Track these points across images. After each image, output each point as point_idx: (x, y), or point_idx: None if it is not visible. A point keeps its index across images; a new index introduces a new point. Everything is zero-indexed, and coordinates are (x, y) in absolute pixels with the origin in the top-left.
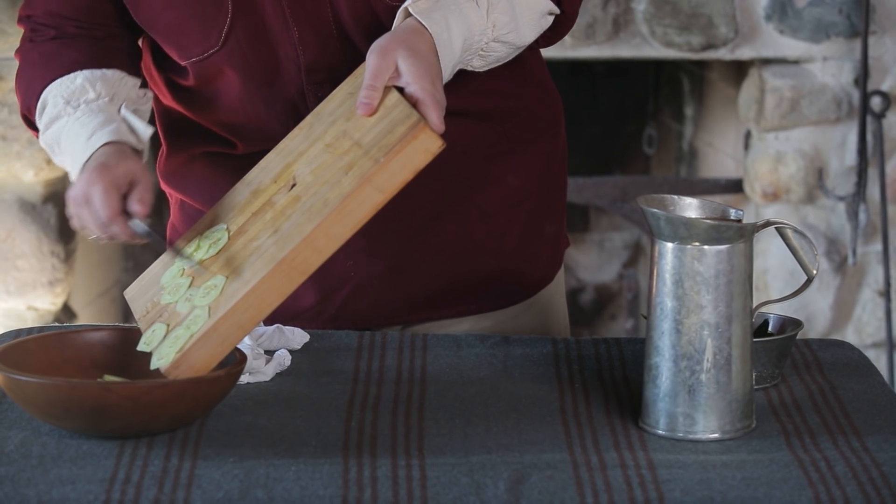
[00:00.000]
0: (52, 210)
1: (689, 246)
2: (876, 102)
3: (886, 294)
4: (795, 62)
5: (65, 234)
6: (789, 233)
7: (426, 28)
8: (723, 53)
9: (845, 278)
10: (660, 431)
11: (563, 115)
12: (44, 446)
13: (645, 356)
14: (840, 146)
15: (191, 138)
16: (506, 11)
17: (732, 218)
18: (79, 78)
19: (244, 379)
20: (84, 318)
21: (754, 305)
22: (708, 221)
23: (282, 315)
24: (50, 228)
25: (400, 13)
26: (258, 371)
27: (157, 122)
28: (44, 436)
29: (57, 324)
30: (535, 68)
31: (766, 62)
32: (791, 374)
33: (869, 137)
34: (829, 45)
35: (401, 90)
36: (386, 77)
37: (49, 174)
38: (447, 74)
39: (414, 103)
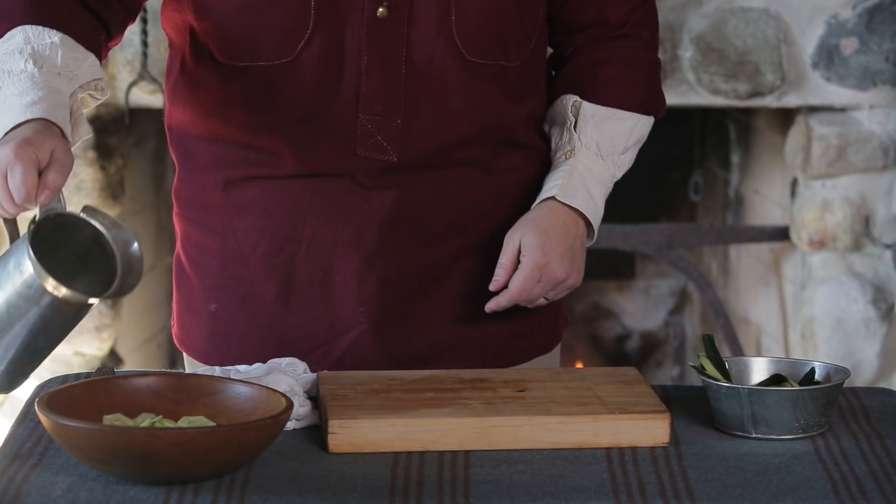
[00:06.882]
0: None
1: None
2: None
3: None
4: (842, 110)
5: None
6: None
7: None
8: (769, 101)
9: (892, 326)
10: None
11: None
12: (91, 492)
13: None
14: (887, 194)
15: (228, 153)
16: (624, 157)
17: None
18: (56, 37)
19: (290, 425)
20: (130, 364)
21: (800, 356)
22: None
23: (291, 354)
24: None
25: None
26: (304, 417)
27: (177, 144)
28: (90, 481)
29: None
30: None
31: (813, 110)
32: (838, 423)
33: None
34: (876, 93)
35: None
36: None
37: None
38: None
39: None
